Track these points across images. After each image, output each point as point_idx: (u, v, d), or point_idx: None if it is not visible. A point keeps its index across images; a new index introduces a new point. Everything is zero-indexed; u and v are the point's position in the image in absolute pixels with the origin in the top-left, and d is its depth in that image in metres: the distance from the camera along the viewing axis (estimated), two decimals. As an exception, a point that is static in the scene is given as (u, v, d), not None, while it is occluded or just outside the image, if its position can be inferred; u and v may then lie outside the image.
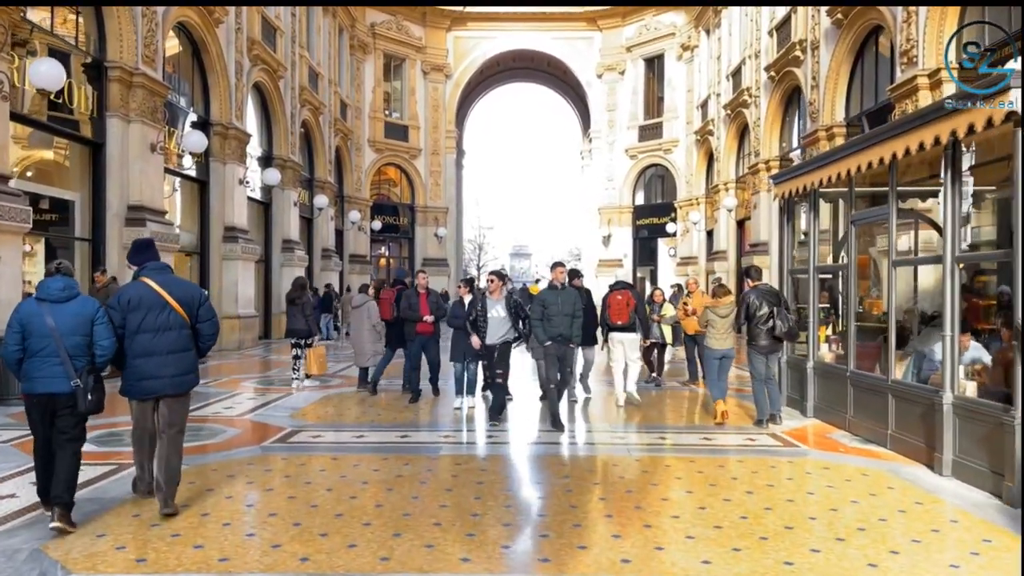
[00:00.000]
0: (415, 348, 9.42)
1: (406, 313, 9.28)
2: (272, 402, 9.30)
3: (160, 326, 4.62)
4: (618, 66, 32.23)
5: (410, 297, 9.35)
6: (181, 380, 4.73)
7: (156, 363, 4.61)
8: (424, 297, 9.32)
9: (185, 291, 4.84)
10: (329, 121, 25.29)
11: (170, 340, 4.64)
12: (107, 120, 12.47)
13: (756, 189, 21.17)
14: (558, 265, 7.96)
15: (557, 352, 7.56)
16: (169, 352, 4.63)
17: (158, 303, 4.64)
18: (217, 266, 16.73)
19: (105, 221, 12.45)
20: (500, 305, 8.19)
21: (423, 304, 9.22)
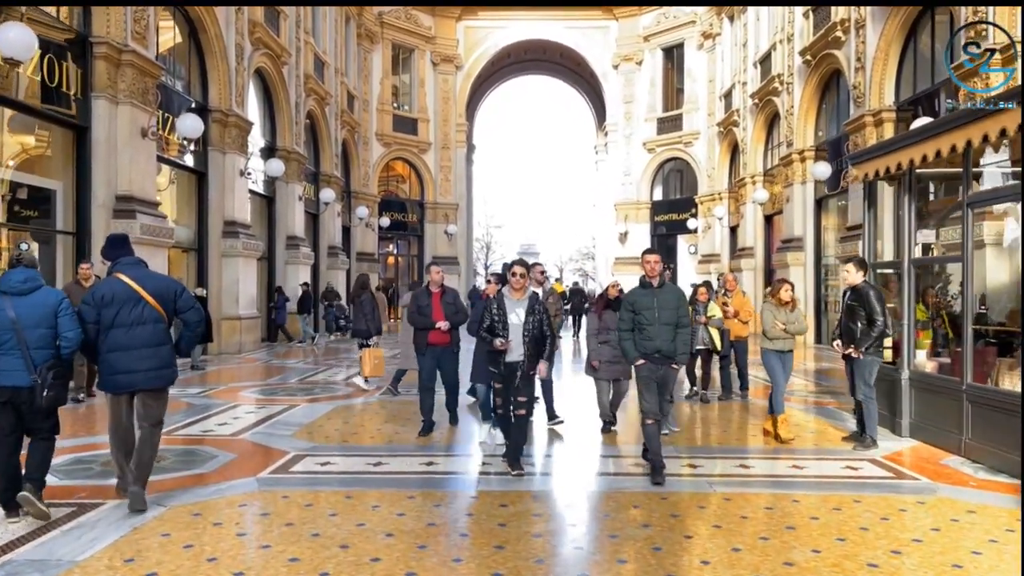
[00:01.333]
0: (427, 364, 7.32)
1: (414, 319, 7.33)
2: (274, 416, 8.10)
3: (134, 320, 4.62)
4: (635, 56, 30.99)
5: (420, 297, 7.36)
6: (156, 375, 4.71)
7: (130, 357, 4.61)
8: (438, 297, 7.35)
9: (159, 285, 4.83)
10: (335, 113, 24.10)
11: (145, 334, 4.65)
12: (92, 102, 11.29)
13: (789, 181, 19.89)
14: (650, 253, 5.74)
15: (654, 375, 5.61)
16: (144, 346, 4.64)
17: (132, 297, 4.64)
18: (216, 263, 15.55)
19: (90, 213, 11.26)
20: (522, 308, 5.81)
21: (436, 307, 7.29)
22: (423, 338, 7.24)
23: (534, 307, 5.83)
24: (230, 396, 9.75)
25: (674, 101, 30.48)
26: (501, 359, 5.73)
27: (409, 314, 7.49)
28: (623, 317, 5.73)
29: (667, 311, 5.55)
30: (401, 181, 32.00)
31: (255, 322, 16.64)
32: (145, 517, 4.49)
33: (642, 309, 5.58)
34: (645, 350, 5.57)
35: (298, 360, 14.79)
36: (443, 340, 7.31)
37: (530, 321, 5.74)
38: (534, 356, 5.73)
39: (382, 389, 10.04)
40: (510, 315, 5.77)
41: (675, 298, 5.67)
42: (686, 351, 5.82)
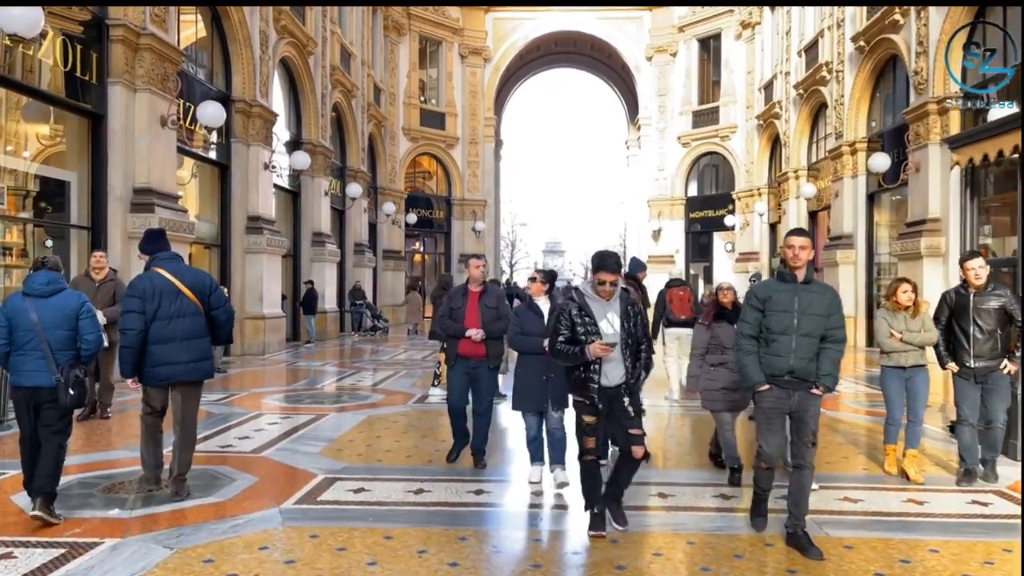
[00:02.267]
0: (456, 380, 5.84)
1: (443, 325, 5.92)
2: (300, 429, 7.33)
3: (174, 313, 4.76)
4: (669, 48, 29.97)
5: (452, 298, 5.94)
6: (195, 367, 4.86)
7: (171, 349, 4.75)
8: (476, 299, 5.84)
9: (196, 278, 4.99)
10: (362, 106, 23.40)
11: (184, 326, 4.79)
12: (109, 88, 10.63)
13: (838, 175, 18.81)
14: (797, 235, 4.20)
15: (781, 406, 4.15)
16: (183, 338, 4.78)
17: (171, 291, 4.78)
18: (239, 260, 14.88)
19: (106, 206, 10.61)
20: (615, 311, 4.24)
21: (472, 310, 5.78)
22: (452, 347, 5.82)
23: (629, 310, 4.26)
24: (253, 404, 9.02)
25: (710, 94, 29.42)
26: (593, 383, 4.14)
27: (437, 319, 6.26)
28: (747, 318, 4.19)
29: (812, 317, 4.04)
30: (428, 177, 31.28)
31: (280, 322, 15.97)
32: (148, 564, 3.73)
33: (776, 310, 4.06)
34: (772, 370, 4.07)
35: (324, 362, 14.08)
36: (476, 352, 5.72)
37: (628, 329, 4.23)
38: (635, 376, 4.29)
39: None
40: (600, 323, 4.17)
41: (825, 301, 4.10)
42: (835, 373, 4.12)
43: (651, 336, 5.57)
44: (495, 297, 5.93)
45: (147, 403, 4.96)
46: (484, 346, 5.71)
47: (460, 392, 5.87)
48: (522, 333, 5.30)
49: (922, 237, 14.12)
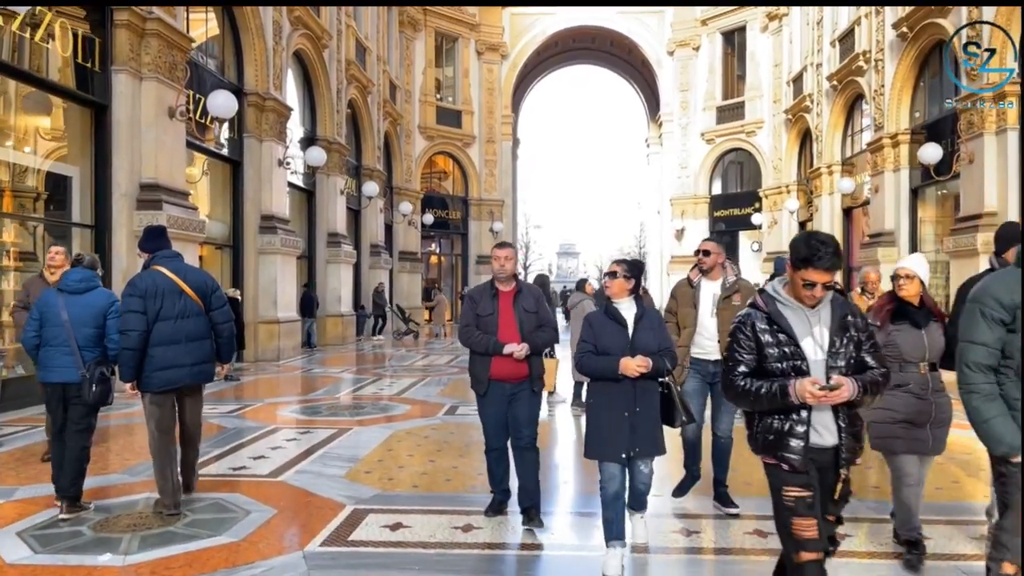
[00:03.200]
0: (490, 411, 4.46)
1: (468, 338, 4.47)
2: (321, 446, 6.54)
3: (179, 313, 4.56)
4: (692, 42, 29.12)
5: (477, 302, 4.48)
6: (200, 370, 4.67)
7: (177, 351, 4.53)
8: (509, 301, 4.41)
9: (198, 278, 4.79)
10: (378, 102, 22.68)
11: (189, 327, 4.59)
12: (112, 76, 9.91)
13: (878, 169, 17.87)
14: None
15: None
16: (189, 340, 4.58)
17: (174, 290, 4.57)
18: (252, 261, 14.15)
19: (111, 203, 9.88)
20: (822, 323, 2.71)
21: (506, 317, 4.38)
22: (483, 368, 4.36)
23: (847, 321, 2.72)
24: (268, 416, 8.26)
25: (734, 88, 28.55)
26: (799, 438, 2.62)
27: (461, 330, 4.54)
28: (981, 338, 2.60)
29: None
30: (443, 177, 30.52)
31: (294, 326, 15.21)
32: (140, 635, 2.95)
33: None
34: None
35: (341, 369, 13.31)
36: (516, 373, 4.31)
37: (846, 353, 2.68)
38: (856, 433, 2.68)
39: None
40: (803, 342, 2.66)
41: None
42: None
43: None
44: (533, 299, 4.46)
45: (156, 421, 4.57)
46: (526, 364, 4.33)
47: (498, 426, 4.44)
48: (596, 351, 3.74)
49: (978, 232, 13.19)
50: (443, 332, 21.88)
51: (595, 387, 3.83)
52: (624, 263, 3.96)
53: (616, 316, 3.81)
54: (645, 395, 3.70)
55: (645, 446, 3.70)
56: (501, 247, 4.51)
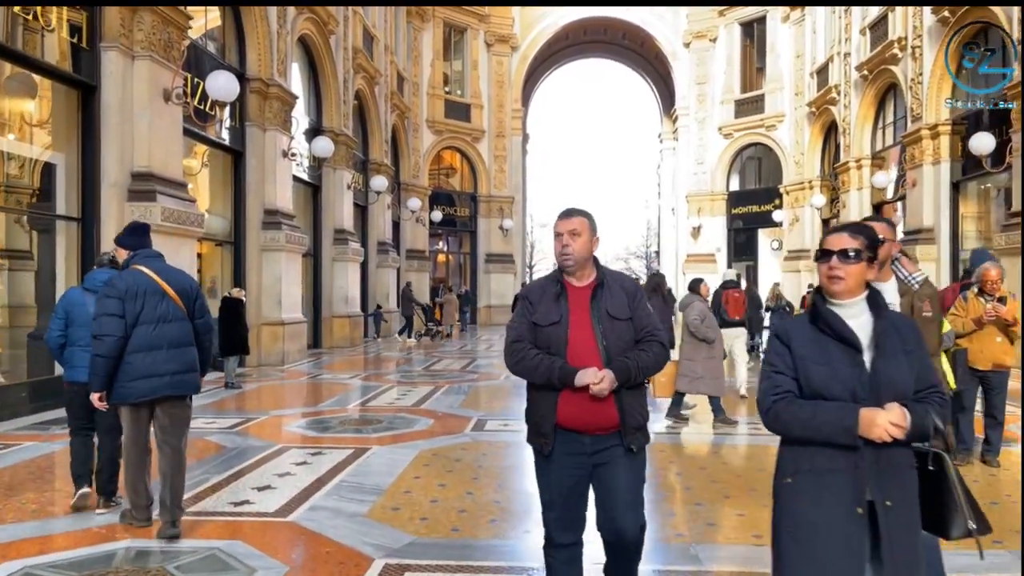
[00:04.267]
0: (558, 485, 2.75)
1: (524, 360, 2.75)
2: (338, 471, 5.60)
3: (160, 317, 4.17)
4: (709, 33, 28.19)
5: (535, 302, 2.83)
6: (182, 379, 4.21)
7: (156, 359, 4.11)
8: (584, 301, 2.78)
9: (181, 280, 4.37)
10: (385, 94, 21.74)
11: (171, 332, 4.19)
12: (102, 54, 8.98)
13: (916, 162, 16.92)
14: None
15: None
16: (171, 346, 4.17)
17: (156, 291, 4.18)
18: (255, 258, 13.22)
19: (99, 193, 8.94)
20: None
21: (579, 326, 2.74)
22: (544, 409, 2.75)
23: None
24: (273, 431, 7.33)
25: (753, 81, 27.63)
26: None
27: (507, 345, 2.83)
28: None
29: None
30: (451, 173, 29.57)
31: (300, 327, 14.28)
32: None
33: None
34: None
35: (351, 374, 12.37)
36: (599, 418, 2.69)
37: None
38: None
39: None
40: None
41: None
42: None
43: None
44: (625, 297, 2.79)
45: (128, 433, 4.23)
46: (614, 404, 2.68)
47: (568, 509, 2.75)
48: (800, 391, 2.13)
49: (1035, 228, 12.26)
50: (452, 332, 21.07)
51: (793, 458, 2.15)
52: (859, 232, 2.18)
53: (840, 330, 2.11)
54: (896, 476, 2.06)
55: (899, 569, 2.02)
56: (567, 216, 2.82)
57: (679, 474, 5.83)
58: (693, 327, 7.60)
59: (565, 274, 2.83)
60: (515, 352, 2.77)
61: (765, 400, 2.16)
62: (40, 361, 8.75)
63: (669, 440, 7.03)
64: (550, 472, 2.76)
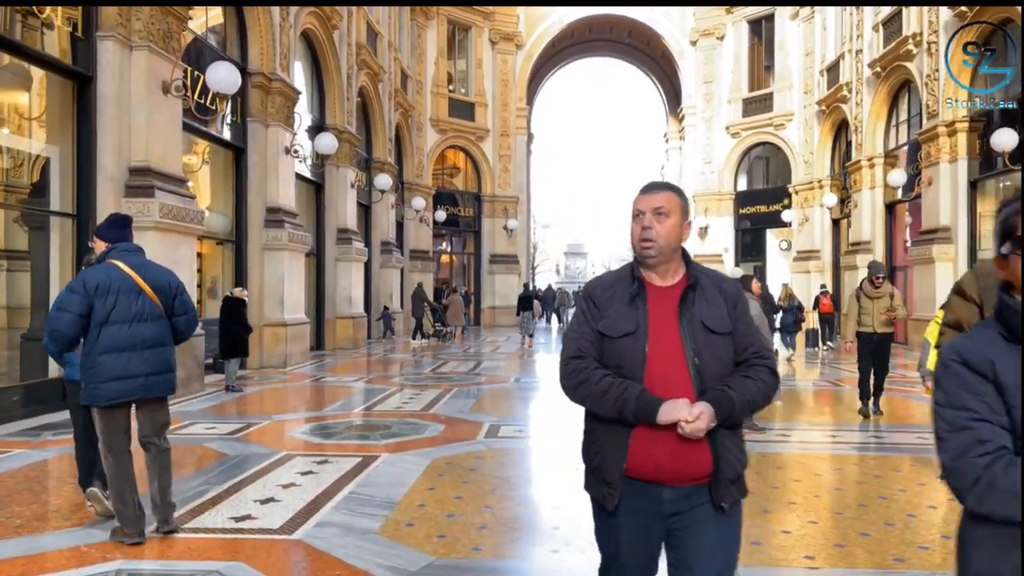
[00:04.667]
0: (626, 546, 2.08)
1: (588, 382, 2.04)
2: (346, 482, 5.23)
3: (135, 315, 3.96)
4: (716, 31, 27.81)
5: (602, 304, 2.11)
6: (157, 380, 4.03)
7: (130, 360, 3.92)
8: (670, 306, 2.06)
9: (160, 277, 4.13)
10: (389, 92, 21.40)
11: (147, 332, 3.99)
12: (98, 44, 8.63)
13: (932, 160, 16.54)
14: None
15: None
16: (145, 347, 3.98)
17: (132, 288, 3.97)
18: (257, 257, 12.86)
19: (95, 188, 8.59)
20: None
21: (662, 339, 2.02)
22: (611, 450, 2.04)
23: None
24: (276, 437, 6.97)
25: (761, 79, 27.24)
26: None
27: (564, 362, 2.12)
28: None
29: None
30: (454, 173, 29.21)
31: (303, 328, 13.92)
32: None
33: None
34: None
35: (356, 377, 12.01)
36: (686, 466, 1.98)
37: None
38: None
39: None
40: None
41: None
42: None
43: None
44: (725, 302, 2.10)
45: (106, 438, 3.96)
46: (708, 448, 1.98)
47: (637, 571, 2.12)
48: (978, 422, 1.36)
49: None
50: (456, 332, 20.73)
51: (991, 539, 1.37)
52: None
53: None
54: None
55: None
56: (652, 190, 2.15)
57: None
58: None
59: (643, 268, 2.11)
60: (575, 372, 2.06)
61: (966, 466, 1.33)
62: (34, 363, 8.40)
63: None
64: (614, 532, 2.09)
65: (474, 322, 27.55)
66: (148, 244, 8.68)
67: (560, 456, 6.24)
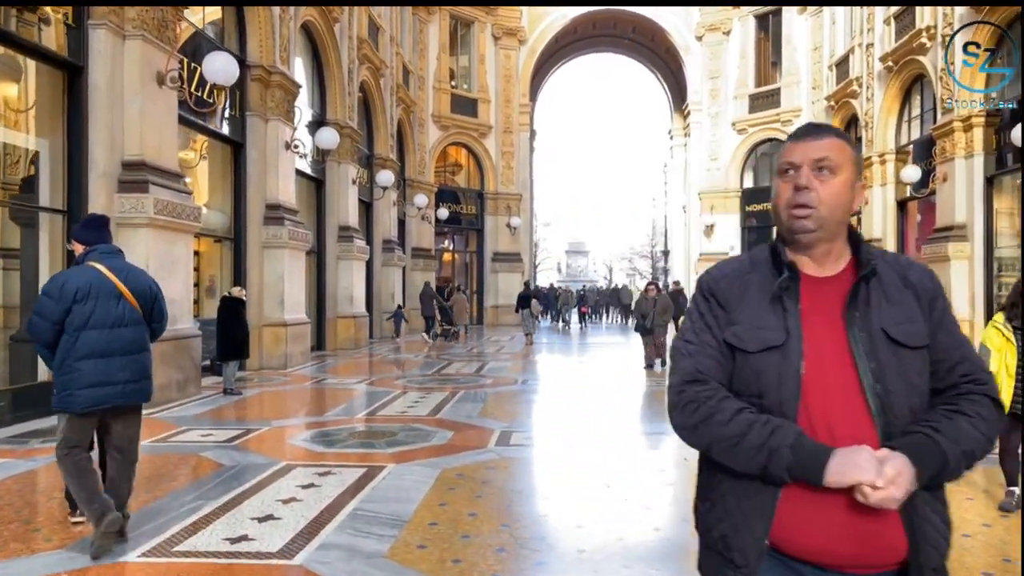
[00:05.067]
0: None
1: (713, 418, 1.40)
2: (351, 496, 4.87)
3: (115, 320, 3.85)
4: (722, 26, 27.43)
5: (731, 300, 1.51)
6: (135, 388, 3.94)
7: (109, 366, 3.80)
8: (835, 305, 1.45)
9: (141, 280, 4.05)
10: (391, 87, 21.02)
11: (127, 337, 3.90)
12: (89, 32, 8.25)
13: (947, 155, 16.16)
14: None
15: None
16: (125, 352, 3.88)
17: (111, 292, 3.86)
18: (256, 256, 12.49)
19: (87, 183, 8.21)
20: None
21: (823, 356, 1.41)
22: (752, 512, 1.40)
23: None
24: (275, 445, 6.61)
25: (768, 75, 26.85)
26: None
27: (674, 386, 1.49)
28: None
29: None
30: (456, 170, 28.81)
31: (303, 329, 13.55)
32: None
33: None
34: None
35: (358, 379, 11.65)
36: (863, 545, 1.34)
37: None
38: None
39: None
40: None
41: None
42: None
43: None
44: (915, 298, 1.48)
45: (68, 437, 3.81)
46: (900, 520, 1.36)
47: None
48: None
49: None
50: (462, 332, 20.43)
51: None
52: None
53: None
54: None
55: None
56: (812, 134, 1.51)
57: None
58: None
59: (793, 250, 1.52)
60: (694, 404, 1.45)
61: None
62: (23, 365, 8.04)
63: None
64: None
65: (476, 321, 27.20)
66: (142, 242, 8.39)
67: (576, 467, 5.88)
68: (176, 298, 8.96)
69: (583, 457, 6.25)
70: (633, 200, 79.53)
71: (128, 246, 8.31)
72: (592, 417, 8.49)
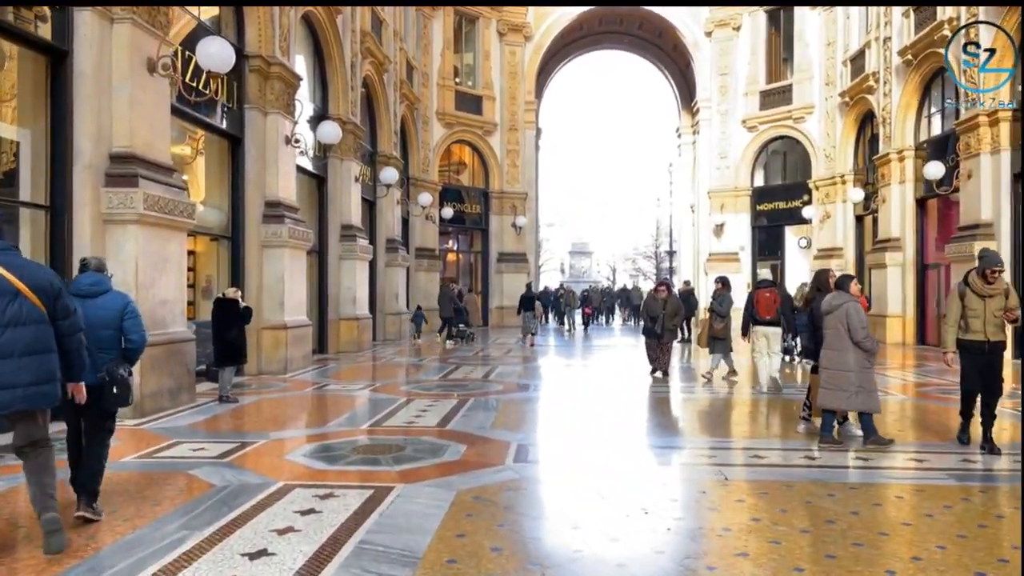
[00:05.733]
0: None
1: None
2: (357, 524, 4.30)
3: (11, 320, 3.67)
4: (732, 21, 26.87)
5: None
6: (37, 392, 3.73)
7: (7, 368, 3.63)
8: None
9: (38, 276, 3.85)
10: (394, 83, 20.46)
11: (27, 337, 3.70)
12: (74, 15, 7.68)
13: (973, 151, 15.56)
14: None
15: None
16: (24, 353, 3.69)
17: (7, 290, 3.68)
18: (255, 255, 11.92)
19: (71, 177, 7.64)
20: None
21: None
22: None
23: None
24: (272, 462, 6.03)
25: (779, 71, 26.28)
26: None
27: None
28: None
29: None
30: (460, 169, 28.24)
31: (305, 331, 12.97)
32: None
33: None
34: None
35: (361, 385, 11.08)
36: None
37: None
38: None
39: None
40: None
41: None
42: None
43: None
44: None
45: None
46: None
47: None
48: None
49: None
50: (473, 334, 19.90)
51: None
52: None
53: None
54: None
55: None
56: None
57: (830, 522, 4.47)
58: (860, 336, 6.38)
59: None
60: None
61: None
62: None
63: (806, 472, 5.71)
64: None
65: (482, 323, 26.62)
66: (131, 239, 7.83)
67: (605, 488, 5.29)
68: (168, 299, 8.41)
69: (611, 476, 5.66)
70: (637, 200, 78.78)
71: (116, 244, 7.83)
72: (613, 428, 7.91)
